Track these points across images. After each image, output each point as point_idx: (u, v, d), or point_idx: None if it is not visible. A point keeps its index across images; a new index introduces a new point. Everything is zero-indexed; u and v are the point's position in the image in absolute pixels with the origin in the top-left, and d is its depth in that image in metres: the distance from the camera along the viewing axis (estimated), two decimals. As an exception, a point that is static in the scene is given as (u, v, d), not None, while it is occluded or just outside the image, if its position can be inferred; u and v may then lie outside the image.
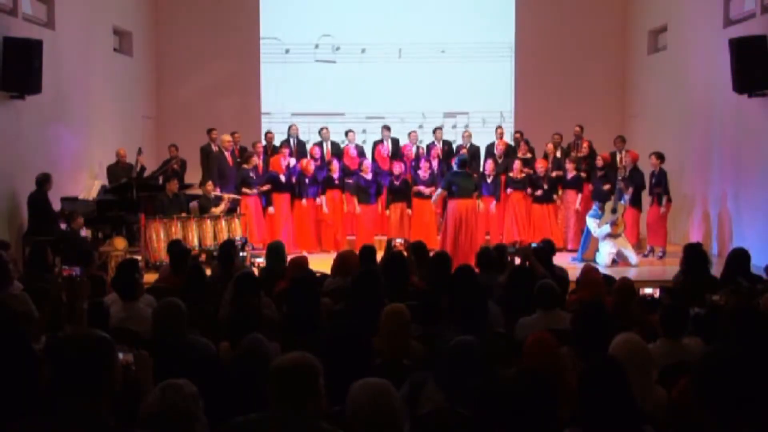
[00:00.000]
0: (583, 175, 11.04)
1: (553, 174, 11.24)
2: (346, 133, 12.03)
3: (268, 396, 2.63)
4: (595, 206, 9.92)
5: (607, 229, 9.58)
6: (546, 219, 11.09)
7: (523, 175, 11.16)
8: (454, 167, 9.29)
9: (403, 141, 11.98)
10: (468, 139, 12.11)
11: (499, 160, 11.48)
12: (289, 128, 12.15)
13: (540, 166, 11.15)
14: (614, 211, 9.59)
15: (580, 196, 11.05)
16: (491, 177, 11.05)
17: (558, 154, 11.67)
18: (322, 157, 11.52)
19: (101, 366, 2.43)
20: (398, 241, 7.49)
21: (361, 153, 11.83)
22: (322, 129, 12.09)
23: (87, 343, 2.48)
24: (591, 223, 9.80)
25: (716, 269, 6.66)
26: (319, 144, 11.80)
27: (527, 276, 5.49)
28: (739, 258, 6.05)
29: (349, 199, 11.09)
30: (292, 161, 11.25)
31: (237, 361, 3.59)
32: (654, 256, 10.40)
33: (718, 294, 5.08)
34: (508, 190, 11.15)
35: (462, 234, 8.99)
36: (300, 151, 11.95)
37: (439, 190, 9.63)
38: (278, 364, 2.66)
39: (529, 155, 11.67)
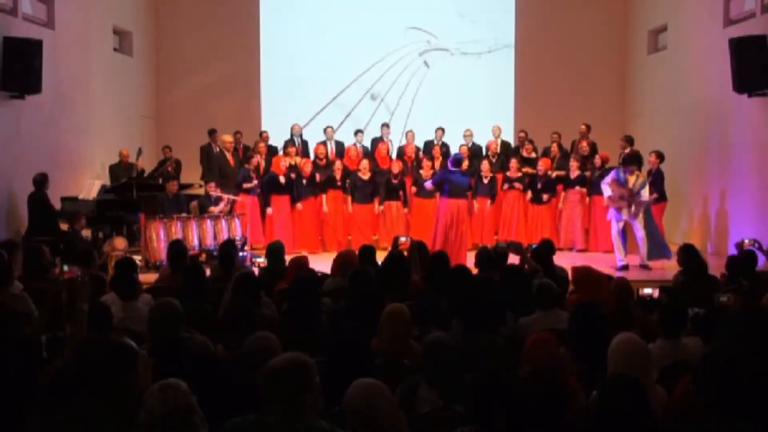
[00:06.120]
0: (587, 174, 10.93)
1: (554, 174, 11.17)
2: (355, 133, 11.97)
3: (262, 397, 2.64)
4: (615, 173, 9.29)
5: (608, 191, 9.23)
6: (544, 219, 11.04)
7: (520, 174, 11.15)
8: (449, 166, 9.21)
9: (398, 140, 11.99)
10: (469, 138, 12.08)
11: (493, 159, 11.47)
12: (292, 128, 12.04)
13: (541, 166, 11.11)
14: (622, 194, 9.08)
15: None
16: (487, 177, 11.04)
17: (559, 153, 11.64)
18: (327, 156, 11.46)
19: (127, 370, 2.67)
20: (402, 239, 7.46)
21: (366, 153, 11.72)
22: (326, 128, 12.03)
23: (117, 348, 2.71)
24: (605, 182, 9.38)
25: (713, 268, 6.74)
26: (324, 143, 11.70)
27: (520, 275, 5.47)
28: (745, 259, 6.15)
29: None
30: (298, 160, 11.22)
31: (243, 358, 3.57)
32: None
33: (726, 295, 5.09)
34: (505, 186, 11.13)
35: (452, 234, 8.92)
36: (304, 150, 11.92)
37: (429, 183, 9.56)
38: (271, 365, 2.68)
39: (533, 155, 11.65)
